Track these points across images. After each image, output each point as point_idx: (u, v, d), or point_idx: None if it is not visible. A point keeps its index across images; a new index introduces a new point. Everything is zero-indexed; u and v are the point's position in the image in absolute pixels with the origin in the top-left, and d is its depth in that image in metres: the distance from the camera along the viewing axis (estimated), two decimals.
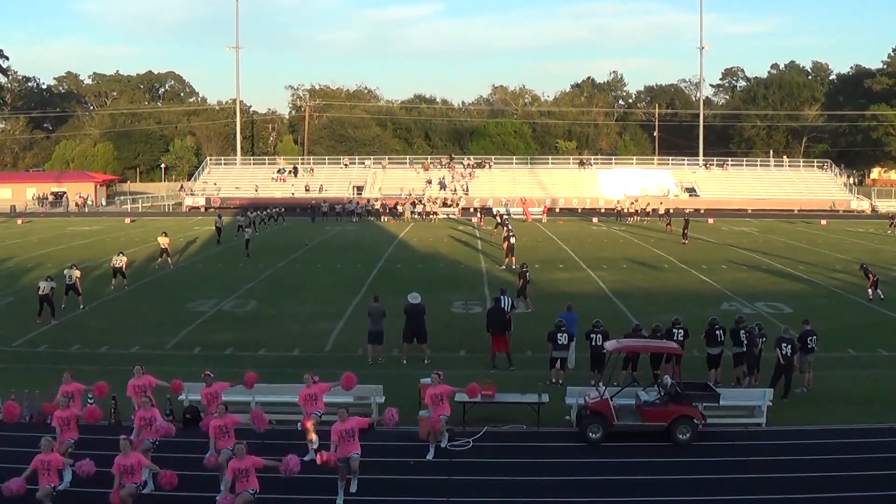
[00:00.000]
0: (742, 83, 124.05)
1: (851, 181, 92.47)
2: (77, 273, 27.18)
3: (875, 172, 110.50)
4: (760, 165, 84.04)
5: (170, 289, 31.00)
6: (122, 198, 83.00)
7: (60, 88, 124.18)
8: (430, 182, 76.48)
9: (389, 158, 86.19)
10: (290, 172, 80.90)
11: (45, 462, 11.21)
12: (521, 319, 22.99)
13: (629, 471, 13.50)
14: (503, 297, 20.75)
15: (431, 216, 64.34)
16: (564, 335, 18.29)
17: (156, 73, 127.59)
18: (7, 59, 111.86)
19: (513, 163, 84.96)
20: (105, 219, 65.69)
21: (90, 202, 79.46)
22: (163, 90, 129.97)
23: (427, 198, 70.21)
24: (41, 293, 24.54)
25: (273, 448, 12.93)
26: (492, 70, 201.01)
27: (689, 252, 41.74)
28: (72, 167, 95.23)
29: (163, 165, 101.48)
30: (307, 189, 76.04)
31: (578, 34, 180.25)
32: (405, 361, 19.98)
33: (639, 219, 63.10)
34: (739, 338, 18.05)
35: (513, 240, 36.96)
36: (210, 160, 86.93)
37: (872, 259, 35.29)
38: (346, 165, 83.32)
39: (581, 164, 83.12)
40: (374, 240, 48.64)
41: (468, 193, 75.08)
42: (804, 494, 12.52)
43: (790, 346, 17.27)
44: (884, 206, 74.15)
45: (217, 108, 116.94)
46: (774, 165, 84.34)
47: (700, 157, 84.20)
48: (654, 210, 65.23)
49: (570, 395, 15.62)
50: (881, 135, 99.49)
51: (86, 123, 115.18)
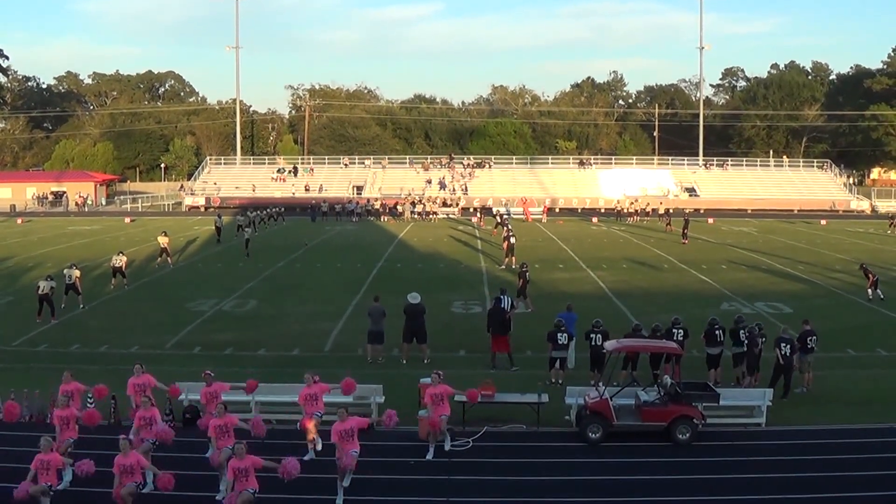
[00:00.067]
0: (742, 83, 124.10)
1: (851, 181, 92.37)
2: (77, 273, 27.19)
3: (875, 172, 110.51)
4: (760, 165, 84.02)
5: (169, 288, 31.01)
6: (122, 197, 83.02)
7: (60, 88, 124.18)
8: (430, 182, 76.46)
9: (389, 158, 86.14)
10: (290, 172, 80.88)
11: (45, 462, 11.23)
12: (521, 319, 22.98)
13: (629, 471, 13.50)
14: (503, 297, 20.75)
15: (431, 216, 64.30)
16: (564, 335, 18.30)
17: (156, 73, 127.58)
18: (7, 59, 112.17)
19: (513, 163, 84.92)
20: (105, 218, 65.67)
21: (90, 202, 79.41)
22: (163, 90, 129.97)
23: (427, 198, 70.15)
24: (41, 293, 24.53)
25: (273, 448, 12.94)
26: (492, 70, 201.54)
27: (689, 252, 41.74)
28: (72, 167, 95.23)
29: (163, 165, 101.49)
30: (307, 189, 76.02)
31: (578, 34, 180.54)
32: (405, 361, 19.97)
33: (639, 219, 63.07)
34: (739, 338, 18.07)
35: (513, 240, 36.95)
36: (210, 160, 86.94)
37: (872, 259, 35.28)
38: (346, 165, 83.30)
39: (581, 164, 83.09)
40: (374, 240, 48.62)
41: (468, 193, 75.02)
42: (804, 494, 12.52)
43: (790, 346, 17.28)
44: (883, 207, 74.13)
45: (217, 108, 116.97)
46: (774, 165, 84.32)
47: (700, 157, 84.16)
48: (654, 210, 65.23)
49: (570, 395, 15.62)
50: (881, 135, 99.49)
51: (86, 123, 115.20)
